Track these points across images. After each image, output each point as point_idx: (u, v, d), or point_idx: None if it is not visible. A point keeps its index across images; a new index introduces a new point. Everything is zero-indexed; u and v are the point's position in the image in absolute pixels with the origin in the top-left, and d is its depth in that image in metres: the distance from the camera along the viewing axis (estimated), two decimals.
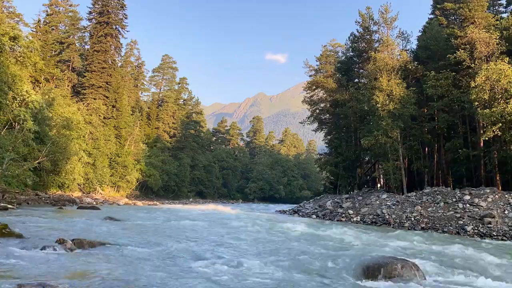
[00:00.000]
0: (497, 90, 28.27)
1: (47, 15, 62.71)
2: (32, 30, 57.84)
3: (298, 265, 10.36)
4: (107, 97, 59.36)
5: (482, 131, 31.03)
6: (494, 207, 24.79)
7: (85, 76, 58.75)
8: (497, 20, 35.04)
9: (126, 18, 65.73)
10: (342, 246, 14.23)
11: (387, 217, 28.71)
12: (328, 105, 56.62)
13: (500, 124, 27.65)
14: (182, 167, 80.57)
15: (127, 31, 73.32)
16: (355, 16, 50.72)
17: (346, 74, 52.25)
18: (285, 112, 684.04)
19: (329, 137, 56.06)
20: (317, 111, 59.68)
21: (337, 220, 31.64)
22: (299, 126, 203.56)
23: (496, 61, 30.31)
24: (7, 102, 35.21)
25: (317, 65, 60.88)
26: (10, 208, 23.35)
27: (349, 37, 51.78)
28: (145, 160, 66.19)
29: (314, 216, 35.77)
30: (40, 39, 53.90)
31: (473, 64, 32.59)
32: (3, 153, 30.98)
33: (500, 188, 30.06)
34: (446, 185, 36.38)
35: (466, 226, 23.20)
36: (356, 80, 51.77)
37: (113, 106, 60.63)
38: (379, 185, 48.26)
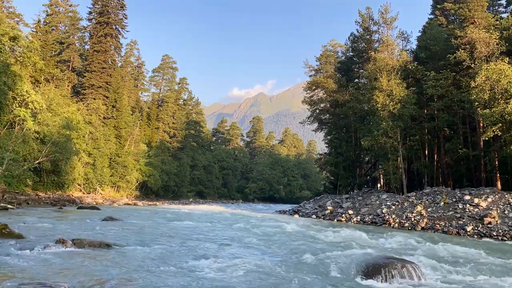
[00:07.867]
0: (497, 90, 28.25)
1: (47, 15, 62.74)
2: (32, 30, 57.87)
3: (297, 265, 10.37)
4: (107, 97, 59.42)
5: (482, 131, 31.04)
6: (494, 207, 24.77)
7: (85, 76, 58.81)
8: (497, 20, 35.01)
9: (126, 18, 65.91)
10: (341, 246, 14.23)
11: (387, 217, 28.71)
12: (328, 105, 56.66)
13: (500, 124, 27.64)
14: (182, 167, 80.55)
15: (127, 31, 73.29)
16: (355, 16, 50.70)
17: (346, 74, 52.28)
18: (285, 112, 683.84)
19: (329, 137, 56.05)
20: (317, 111, 59.72)
21: (337, 220, 31.67)
22: (299, 126, 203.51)
23: (496, 61, 30.29)
24: (7, 102, 35.23)
25: (317, 65, 60.97)
26: (10, 208, 23.40)
27: (349, 37, 51.89)
28: (145, 160, 66.22)
29: (314, 216, 35.78)
30: (40, 39, 53.85)
31: (473, 64, 32.58)
32: (3, 153, 31.00)
33: (500, 188, 30.07)
34: (446, 185, 36.36)
35: (466, 226, 23.20)
36: (356, 80, 51.78)
37: (113, 106, 60.66)
38: (379, 185, 48.23)
